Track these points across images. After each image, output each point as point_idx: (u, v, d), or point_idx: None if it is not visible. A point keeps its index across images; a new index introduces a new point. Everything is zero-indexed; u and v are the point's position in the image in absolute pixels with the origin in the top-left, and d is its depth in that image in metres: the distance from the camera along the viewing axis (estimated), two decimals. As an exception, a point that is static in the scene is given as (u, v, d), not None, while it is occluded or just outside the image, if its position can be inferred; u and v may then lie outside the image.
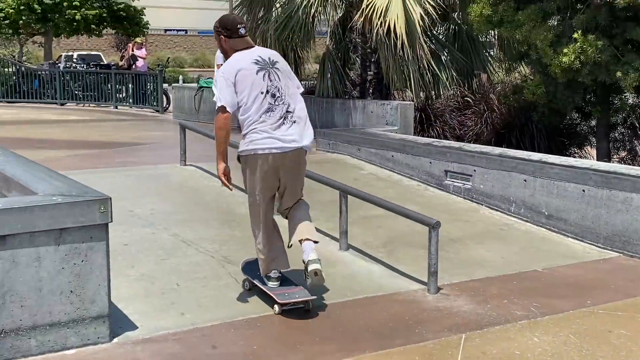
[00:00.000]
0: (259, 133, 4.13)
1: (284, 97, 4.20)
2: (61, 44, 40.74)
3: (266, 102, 4.14)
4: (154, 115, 16.02)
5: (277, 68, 4.26)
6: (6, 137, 10.80)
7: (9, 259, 3.41)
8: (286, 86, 4.24)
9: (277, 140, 4.13)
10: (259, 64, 4.20)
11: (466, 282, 4.97)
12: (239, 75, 4.13)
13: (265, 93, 4.15)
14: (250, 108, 4.14)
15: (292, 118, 4.20)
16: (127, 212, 6.11)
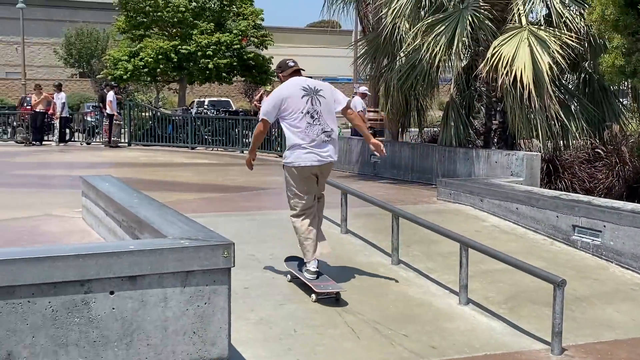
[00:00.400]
0: (303, 149, 5.25)
1: (321, 119, 5.26)
2: (194, 91, 42.91)
3: (304, 120, 5.21)
4: (277, 161, 16.44)
5: (320, 95, 5.32)
6: (141, 179, 11.43)
7: (139, 299, 3.57)
8: (326, 111, 5.29)
9: (317, 155, 5.28)
10: (305, 90, 5.30)
11: (593, 344, 4.71)
12: (285, 98, 5.26)
13: (305, 113, 5.22)
14: (293, 124, 5.23)
15: (328, 137, 5.30)
16: (249, 255, 6.27)
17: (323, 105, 5.29)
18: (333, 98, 5.42)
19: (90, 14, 52.78)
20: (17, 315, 3.23)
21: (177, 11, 25.33)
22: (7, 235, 6.52)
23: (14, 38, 51.12)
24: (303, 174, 5.36)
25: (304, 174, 5.37)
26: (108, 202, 5.87)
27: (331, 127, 5.34)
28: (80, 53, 48.77)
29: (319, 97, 5.32)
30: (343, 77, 55.49)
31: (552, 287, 4.52)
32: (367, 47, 13.00)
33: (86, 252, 3.43)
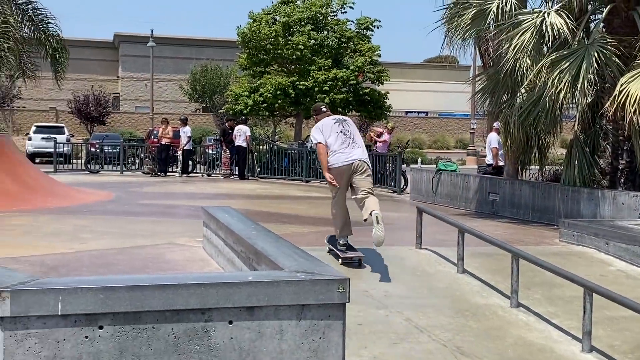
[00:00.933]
0: (340, 155, 7.19)
1: (350, 135, 7.32)
2: (309, 125, 43.72)
3: (340, 138, 7.26)
4: (391, 196, 16.41)
5: (346, 121, 7.54)
6: (258, 211, 11.71)
7: (256, 330, 3.62)
8: (353, 130, 7.39)
9: (347, 157, 7.20)
10: (336, 120, 7.49)
11: None
12: (324, 126, 7.34)
13: (339, 132, 7.29)
14: (332, 142, 7.24)
15: (354, 145, 7.29)
16: (362, 291, 6.25)
17: (350, 126, 7.43)
18: (354, 125, 7.62)
19: (214, 52, 55.22)
20: (142, 340, 3.36)
21: (296, 49, 26.04)
22: (134, 262, 6.84)
23: (144, 75, 54.23)
24: (337, 170, 7.23)
25: (338, 171, 7.23)
26: (227, 233, 6.05)
27: (357, 140, 7.39)
28: (204, 89, 50.99)
29: (346, 122, 7.53)
30: (460, 112, 54.92)
31: (687, 339, 4.22)
32: (487, 83, 12.80)
33: (207, 282, 3.53)
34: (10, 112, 46.98)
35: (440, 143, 49.47)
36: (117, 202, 12.94)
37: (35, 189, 12.41)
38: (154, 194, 15.24)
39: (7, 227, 9.19)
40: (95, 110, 45.91)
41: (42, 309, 3.19)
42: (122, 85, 57.64)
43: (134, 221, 10.25)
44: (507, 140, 12.37)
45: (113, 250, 7.48)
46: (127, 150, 23.77)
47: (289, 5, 27.49)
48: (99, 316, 3.29)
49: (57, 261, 6.73)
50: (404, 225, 10.47)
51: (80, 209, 11.54)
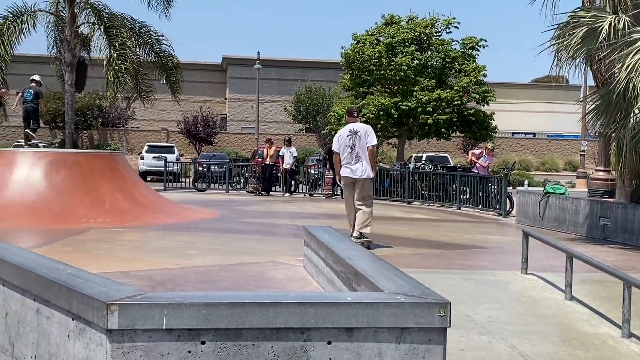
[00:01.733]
0: (345, 168, 9.30)
1: (355, 149, 9.20)
2: (412, 146, 43.46)
3: (346, 151, 9.25)
4: (496, 219, 16.00)
5: (357, 133, 9.22)
6: (358, 231, 11.70)
7: (354, 351, 3.60)
8: (359, 145, 9.17)
9: (351, 170, 9.26)
10: (349, 132, 9.31)
11: None
12: (340, 137, 9.40)
13: (347, 146, 9.24)
14: (342, 153, 9.29)
15: (359, 159, 9.18)
16: (464, 316, 6.10)
17: (357, 141, 9.25)
18: (365, 135, 9.32)
19: (318, 73, 56.04)
20: (242, 357, 3.41)
21: (400, 69, 25.99)
22: (237, 279, 6.98)
23: (250, 96, 55.72)
24: (343, 180, 9.48)
25: (344, 180, 9.48)
26: (327, 253, 6.07)
27: (362, 154, 9.24)
28: (308, 109, 51.78)
29: (357, 135, 9.28)
30: (569, 133, 53.07)
31: None
32: (598, 103, 12.28)
33: (307, 301, 3.54)
34: (125, 132, 49.38)
35: (549, 165, 47.88)
36: (222, 220, 13.28)
37: (146, 206, 12.94)
38: (257, 212, 15.54)
39: (119, 242, 9.61)
40: (204, 130, 47.51)
41: (148, 322, 3.29)
42: (229, 106, 59.41)
43: (237, 239, 10.49)
44: (619, 162, 11.82)
45: (217, 266, 7.66)
46: (233, 170, 24.40)
47: (393, 26, 27.52)
48: (202, 331, 3.36)
49: (164, 276, 6.97)
50: (510, 249, 10.18)
51: (187, 226, 11.93)
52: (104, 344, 3.33)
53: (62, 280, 3.86)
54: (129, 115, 49.24)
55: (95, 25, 21.48)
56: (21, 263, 4.40)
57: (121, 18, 22.05)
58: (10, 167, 12.26)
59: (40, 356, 4.01)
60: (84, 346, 3.54)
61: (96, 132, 48.90)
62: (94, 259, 8.08)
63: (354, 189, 9.36)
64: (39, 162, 12.37)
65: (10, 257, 4.59)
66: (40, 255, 5.04)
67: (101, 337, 3.35)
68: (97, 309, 3.36)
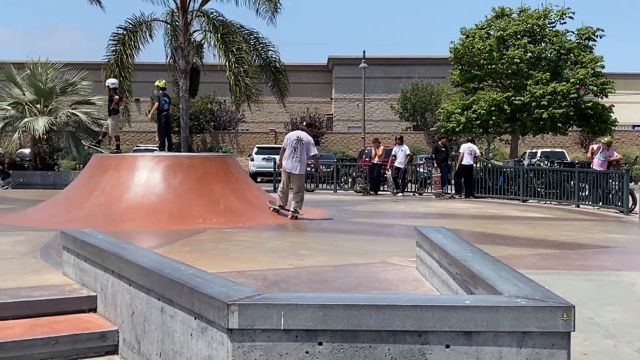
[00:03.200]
0: (286, 161, 12.69)
1: (297, 152, 12.56)
2: (526, 142, 42.18)
3: (291, 149, 12.57)
4: (618, 217, 15.24)
5: (302, 142, 12.54)
6: (472, 232, 11.47)
7: (474, 355, 3.51)
8: (300, 149, 12.53)
9: (290, 166, 12.65)
10: (297, 138, 12.64)
11: None
12: (289, 139, 12.74)
13: (292, 147, 12.57)
14: (287, 150, 12.66)
15: (298, 159, 12.60)
16: (587, 319, 5.83)
17: (299, 146, 12.54)
18: (307, 141, 12.64)
19: (425, 70, 55.45)
20: (359, 358, 3.40)
21: (512, 62, 25.29)
22: (348, 280, 6.99)
23: (356, 95, 55.89)
24: (283, 171, 12.81)
25: (284, 171, 12.82)
26: (441, 254, 5.96)
27: (301, 156, 12.55)
28: (415, 107, 51.32)
29: (300, 140, 12.52)
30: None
31: None
32: None
33: (423, 304, 3.49)
34: (235, 135, 50.78)
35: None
36: (332, 220, 13.37)
37: (258, 207, 13.22)
38: (366, 212, 15.54)
39: (233, 242, 9.87)
40: (311, 131, 48.07)
41: (266, 322, 3.35)
42: (335, 106, 59.84)
43: (347, 239, 10.52)
44: None
45: (328, 267, 7.71)
46: (340, 170, 24.53)
47: (504, 18, 26.84)
48: (318, 332, 3.38)
49: (278, 276, 7.08)
50: (634, 249, 9.68)
51: (297, 226, 12.09)
52: (225, 343, 3.41)
53: (184, 280, 4.00)
54: (239, 118, 50.57)
55: (209, 32, 22.23)
56: (146, 264, 4.59)
57: (233, 25, 22.72)
58: (132, 171, 12.86)
59: (165, 354, 4.17)
60: (206, 345, 3.65)
61: (208, 135, 50.57)
62: (211, 258, 8.33)
63: (290, 179, 12.76)
64: (157, 165, 12.91)
65: (135, 258, 4.80)
66: (162, 255, 5.24)
67: (222, 336, 3.44)
68: (218, 308, 3.46)
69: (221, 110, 49.81)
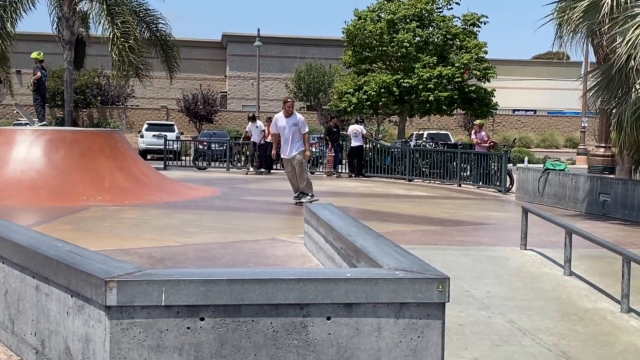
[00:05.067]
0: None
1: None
2: (413, 123, 43.36)
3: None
4: (496, 195, 16.00)
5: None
6: (360, 209, 11.72)
7: (354, 326, 3.61)
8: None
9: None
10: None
11: None
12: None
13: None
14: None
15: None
16: (464, 292, 6.11)
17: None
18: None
19: (319, 50, 55.76)
20: (241, 333, 3.42)
21: (401, 46, 25.86)
22: (236, 257, 6.99)
23: (251, 73, 55.50)
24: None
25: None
26: (328, 230, 6.07)
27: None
28: (309, 87, 51.58)
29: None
30: (570, 110, 52.91)
31: None
32: (600, 79, 12.22)
33: (306, 277, 3.54)
34: (124, 110, 49.26)
35: (549, 142, 47.82)
36: (223, 198, 13.29)
37: (146, 184, 12.93)
38: (258, 190, 15.55)
39: (119, 220, 9.62)
40: (204, 108, 47.38)
41: (146, 299, 3.30)
42: (230, 84, 59.20)
43: (237, 216, 10.50)
44: (619, 139, 11.77)
45: (217, 244, 7.68)
46: (233, 148, 24.36)
47: (394, 2, 27.34)
48: (201, 308, 3.37)
49: (164, 253, 6.98)
50: (509, 225, 10.19)
51: (187, 204, 11.93)
52: (102, 320, 3.34)
53: (61, 257, 3.86)
54: (128, 94, 49.04)
55: (94, 2, 21.33)
56: (20, 240, 4.40)
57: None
58: (10, 146, 12.24)
59: (40, 333, 4.03)
60: (83, 323, 3.55)
61: (96, 110, 48.79)
62: (93, 237, 8.09)
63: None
64: (38, 140, 12.35)
65: (9, 235, 4.59)
66: (39, 232, 5.04)
67: (100, 313, 3.36)
68: (95, 285, 3.37)
69: (109, 85, 48.07)
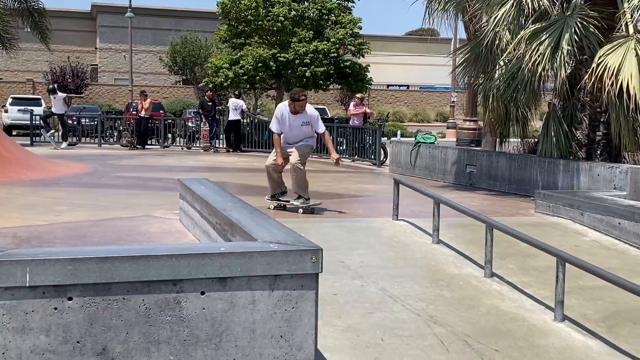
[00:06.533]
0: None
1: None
2: (291, 98, 43.48)
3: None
4: (371, 169, 16.43)
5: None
6: (237, 184, 11.69)
7: (228, 300, 3.62)
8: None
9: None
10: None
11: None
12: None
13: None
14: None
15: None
16: (339, 262, 6.27)
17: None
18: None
19: (195, 23, 54.58)
20: (112, 311, 3.35)
21: (277, 20, 25.77)
22: (109, 234, 6.80)
23: (123, 46, 53.56)
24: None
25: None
26: (203, 205, 6.02)
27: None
28: (185, 61, 50.47)
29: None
30: (441, 85, 54.91)
31: (655, 307, 4.29)
32: (467, 55, 12.77)
33: (179, 253, 3.51)
34: (-14, 84, 46.31)
35: (421, 116, 49.52)
36: (94, 175, 12.84)
37: (11, 161, 12.26)
38: (132, 166, 15.13)
39: (-18, 200, 9.09)
40: (73, 82, 45.37)
41: (9, 280, 3.15)
42: (100, 56, 56.91)
43: (110, 193, 10.19)
44: (486, 113, 12.39)
45: (88, 222, 7.43)
46: (105, 123, 23.53)
47: (269, -25, 27.16)
48: (68, 287, 3.26)
49: (30, 233, 6.68)
50: (382, 197, 10.49)
51: (56, 182, 11.43)
52: (-39, 304, 3.16)
53: None
54: (-10, 66, 46.11)
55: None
56: None
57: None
58: None
59: None
60: (-61, 308, 3.35)
61: (-46, 83, 45.57)
62: (-48, 218, 7.60)
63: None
64: None
65: None
66: None
67: (-42, 297, 3.18)
68: (-48, 268, 3.18)
69: (-32, 56, 44.95)
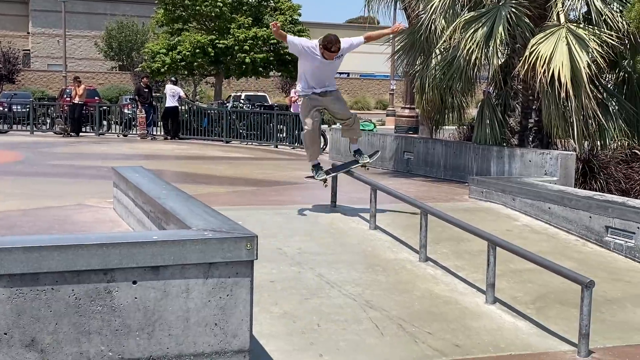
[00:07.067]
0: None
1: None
2: (231, 85, 43.18)
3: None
4: (311, 156, 16.43)
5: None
6: (175, 172, 11.55)
7: (161, 289, 3.59)
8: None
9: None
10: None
11: (621, 347, 4.61)
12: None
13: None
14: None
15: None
16: (276, 249, 6.27)
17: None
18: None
19: (131, 8, 53.48)
20: (40, 302, 3.28)
21: (215, 5, 25.51)
22: (39, 224, 6.64)
23: (56, 31, 52.06)
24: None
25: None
26: (137, 193, 5.93)
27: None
28: (121, 46, 49.42)
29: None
30: (380, 73, 55.31)
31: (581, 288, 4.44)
32: (404, 43, 12.89)
33: (110, 242, 3.46)
34: None
35: (361, 104, 49.86)
36: (25, 163, 12.49)
37: (-63, 150, 11.82)
38: (66, 154, 14.77)
39: None
40: (4, 67, 43.93)
41: None
42: (33, 41, 55.20)
43: (42, 182, 9.93)
44: (422, 100, 12.54)
45: (18, 212, 7.23)
46: (38, 110, 22.88)
47: (207, -40, 26.81)
48: (-6, 278, 3.18)
49: (-43, 224, 6.46)
50: (321, 184, 10.52)
51: (-15, 171, 11.07)
52: None
53: None
54: None
55: None
56: None
57: None
58: None
59: None
60: None
61: None
62: None
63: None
64: None
65: None
66: None
67: None
68: None
69: None
